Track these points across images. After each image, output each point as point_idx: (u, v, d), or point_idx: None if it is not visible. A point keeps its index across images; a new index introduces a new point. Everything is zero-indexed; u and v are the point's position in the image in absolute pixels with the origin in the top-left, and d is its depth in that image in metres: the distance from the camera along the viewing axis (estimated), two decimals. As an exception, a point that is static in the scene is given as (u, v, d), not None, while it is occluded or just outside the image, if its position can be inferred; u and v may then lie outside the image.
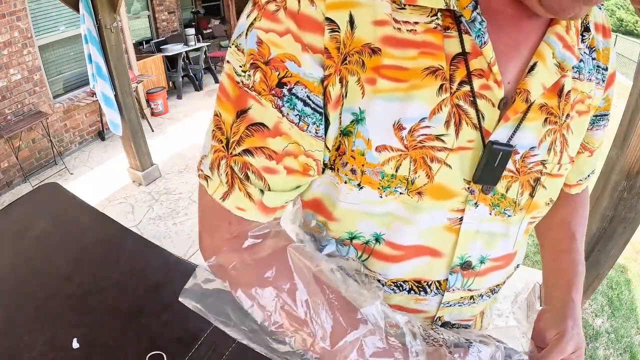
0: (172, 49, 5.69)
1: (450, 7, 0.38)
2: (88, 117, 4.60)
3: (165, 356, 0.83)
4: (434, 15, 0.39)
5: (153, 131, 4.80)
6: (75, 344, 0.86)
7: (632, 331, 2.33)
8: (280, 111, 0.40)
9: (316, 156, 0.43)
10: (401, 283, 0.51)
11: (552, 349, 0.50)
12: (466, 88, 0.41)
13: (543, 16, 0.41)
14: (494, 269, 0.53)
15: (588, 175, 0.64)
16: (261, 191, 0.42)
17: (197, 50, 6.15)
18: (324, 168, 0.46)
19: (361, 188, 0.44)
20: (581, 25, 0.47)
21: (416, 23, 0.39)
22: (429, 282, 0.51)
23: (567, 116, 0.47)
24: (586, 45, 0.49)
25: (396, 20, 0.39)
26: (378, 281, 0.51)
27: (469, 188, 0.45)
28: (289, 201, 0.46)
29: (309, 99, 0.40)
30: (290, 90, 0.39)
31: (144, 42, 5.99)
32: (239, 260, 0.44)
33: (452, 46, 0.40)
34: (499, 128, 0.43)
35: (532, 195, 0.48)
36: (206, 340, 0.86)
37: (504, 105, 0.43)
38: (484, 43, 0.39)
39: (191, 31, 5.92)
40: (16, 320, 0.94)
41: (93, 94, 3.94)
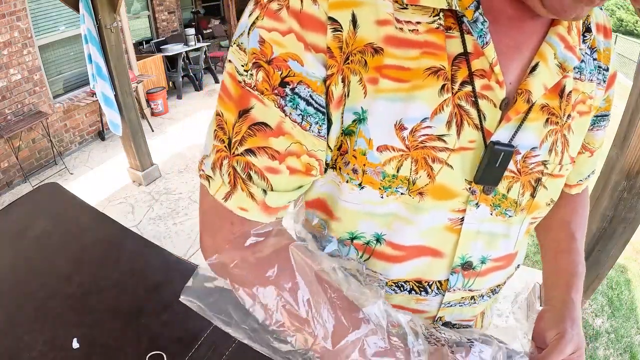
0: (172, 49, 5.69)
1: (452, 7, 0.38)
2: (88, 117, 4.60)
3: (165, 356, 0.83)
4: (436, 15, 0.39)
5: (153, 131, 4.80)
6: (75, 344, 0.86)
7: (632, 331, 2.33)
8: (283, 111, 0.40)
9: (319, 156, 0.43)
10: (402, 283, 0.51)
11: (552, 350, 0.50)
12: (468, 88, 0.41)
13: (545, 17, 0.41)
14: (495, 269, 0.53)
15: (588, 175, 0.64)
16: (264, 191, 0.42)
17: (197, 50, 6.15)
18: (326, 168, 0.46)
19: (362, 188, 0.44)
20: (582, 25, 0.47)
21: (418, 23, 0.39)
22: (430, 282, 0.51)
23: (569, 117, 0.47)
24: (587, 45, 0.49)
25: (398, 20, 0.39)
26: (379, 281, 0.51)
27: (470, 188, 0.45)
28: (292, 201, 0.46)
29: (312, 99, 0.40)
30: (293, 89, 0.39)
31: (144, 42, 5.99)
32: (241, 258, 0.44)
33: (454, 46, 0.40)
34: (501, 128, 0.43)
35: (533, 195, 0.48)
36: (206, 340, 0.86)
37: (506, 105, 0.43)
38: (486, 43, 0.39)
39: (191, 31, 5.92)
40: (16, 320, 0.94)
41: (93, 94, 3.94)
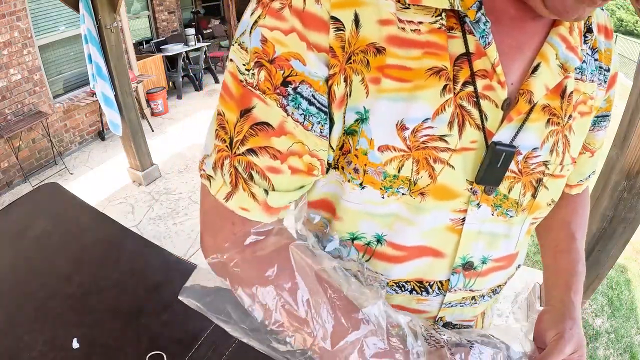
0: (172, 49, 5.69)
1: (454, 8, 0.38)
2: (88, 117, 4.60)
3: (165, 356, 0.83)
4: (438, 15, 0.39)
5: (153, 131, 4.80)
6: (75, 344, 0.86)
7: (632, 331, 2.33)
8: (285, 110, 0.40)
9: (320, 156, 0.43)
10: (403, 283, 0.51)
11: (551, 350, 0.50)
12: (470, 89, 0.41)
13: (547, 17, 0.41)
14: (496, 270, 0.53)
15: (589, 175, 0.64)
16: (265, 191, 0.42)
17: (197, 50, 6.15)
18: (328, 168, 0.46)
19: (363, 188, 0.44)
20: (584, 26, 0.47)
21: (420, 23, 0.39)
22: (431, 283, 0.51)
23: (570, 117, 0.47)
24: (589, 46, 0.49)
25: (400, 19, 0.39)
26: (380, 281, 0.51)
27: (472, 189, 0.45)
28: (293, 201, 0.46)
29: (314, 98, 0.40)
30: (295, 89, 0.39)
31: (144, 42, 5.99)
32: (240, 257, 0.44)
33: (456, 46, 0.40)
34: (502, 129, 0.43)
35: (534, 196, 0.48)
36: (206, 340, 0.86)
37: (507, 106, 0.43)
38: (488, 44, 0.39)
39: (191, 31, 5.92)
40: (16, 320, 0.94)
41: (93, 94, 3.94)
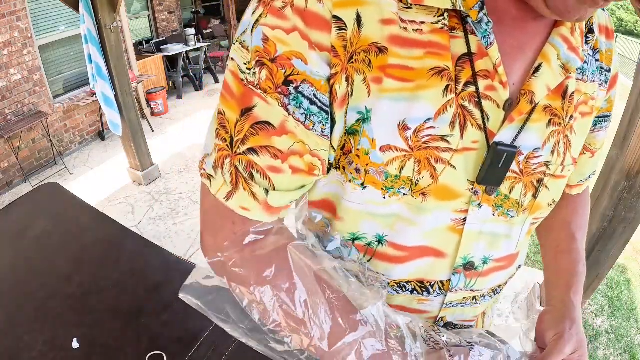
0: (172, 49, 5.69)
1: (456, 8, 0.38)
2: (88, 117, 4.60)
3: (165, 356, 0.83)
4: (441, 15, 0.39)
5: (153, 131, 4.80)
6: (75, 344, 0.86)
7: (632, 331, 2.33)
8: (286, 109, 0.39)
9: (322, 155, 0.43)
10: (404, 284, 0.51)
11: (551, 351, 0.50)
12: (471, 89, 0.41)
13: (548, 18, 0.41)
14: (497, 270, 0.53)
15: (589, 176, 0.64)
16: (266, 191, 0.42)
17: (197, 50, 6.14)
18: (329, 168, 0.46)
19: (365, 188, 0.44)
20: (585, 27, 0.47)
21: (422, 23, 0.39)
22: (432, 283, 0.51)
23: (571, 118, 0.47)
24: (590, 47, 0.49)
25: (402, 19, 0.39)
26: (382, 282, 0.51)
27: (473, 189, 0.45)
28: (294, 201, 0.46)
29: (316, 98, 0.40)
30: (296, 88, 0.39)
31: (144, 42, 5.99)
32: (239, 257, 0.44)
33: (458, 47, 0.40)
34: (504, 129, 0.43)
35: (535, 196, 0.48)
36: (206, 340, 0.86)
37: (509, 106, 0.43)
38: (490, 44, 0.39)
39: (191, 31, 5.92)
40: (16, 320, 0.94)
41: (93, 94, 3.94)
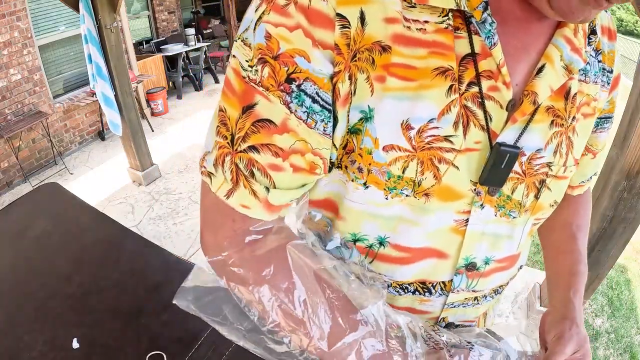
0: (172, 49, 5.69)
1: (460, 8, 0.38)
2: (88, 117, 4.60)
3: (165, 356, 0.83)
4: (445, 15, 0.39)
5: (153, 131, 4.80)
6: (75, 344, 0.86)
7: (632, 331, 2.33)
8: (288, 107, 0.39)
9: (323, 154, 0.43)
10: (406, 285, 0.51)
11: (551, 352, 0.50)
12: (475, 89, 0.41)
13: (552, 19, 0.41)
14: (498, 270, 0.53)
15: (590, 177, 0.64)
16: (266, 189, 0.42)
17: (197, 50, 6.14)
18: (331, 167, 0.46)
19: (367, 187, 0.44)
20: (588, 28, 0.47)
21: (426, 22, 0.39)
22: (434, 283, 0.51)
23: (573, 119, 0.47)
24: (592, 48, 0.49)
25: (406, 18, 0.38)
26: (384, 282, 0.51)
27: (476, 189, 0.45)
28: (294, 199, 0.46)
29: (318, 96, 0.40)
30: (299, 86, 0.39)
31: (144, 42, 5.99)
32: (239, 256, 0.44)
33: (462, 47, 0.40)
34: (506, 130, 0.43)
35: (537, 197, 0.48)
36: (206, 340, 0.86)
37: (512, 107, 0.43)
38: (494, 44, 0.39)
39: (191, 31, 5.91)
40: (16, 320, 0.94)
41: (93, 94, 3.94)
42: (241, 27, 0.42)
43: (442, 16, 0.39)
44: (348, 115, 0.41)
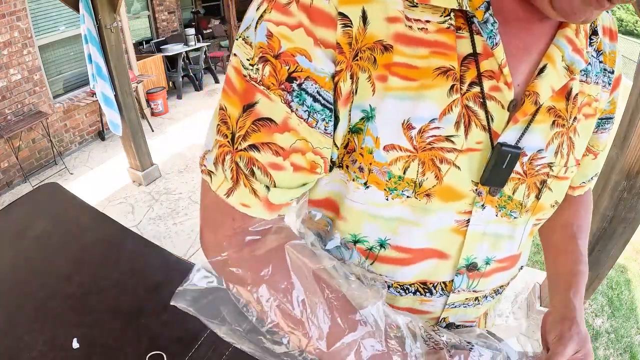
0: (172, 49, 5.69)
1: (462, 8, 0.38)
2: (88, 117, 4.60)
3: (165, 356, 0.83)
4: (447, 15, 0.39)
5: (153, 131, 4.80)
6: (75, 344, 0.86)
7: (632, 331, 2.33)
8: (289, 106, 0.39)
9: (324, 154, 0.43)
10: (407, 286, 0.51)
11: (553, 352, 0.50)
12: (476, 89, 0.41)
13: (554, 19, 0.41)
14: (499, 270, 0.53)
15: (591, 177, 0.64)
16: (267, 187, 0.42)
17: (197, 50, 6.14)
18: (332, 166, 0.46)
19: (367, 187, 0.44)
20: (589, 28, 0.46)
21: (427, 22, 0.39)
22: (435, 284, 0.51)
23: (574, 119, 0.47)
24: (594, 48, 0.49)
25: (407, 17, 0.38)
26: (385, 283, 0.51)
27: (477, 190, 0.45)
28: (295, 198, 0.46)
29: (319, 95, 0.40)
30: (300, 85, 0.39)
31: (144, 42, 5.99)
32: (239, 256, 0.44)
33: (463, 47, 0.40)
34: (508, 130, 0.43)
35: (538, 197, 0.48)
36: (206, 340, 0.86)
37: (513, 107, 0.42)
38: (496, 44, 0.39)
39: (191, 31, 5.91)
40: (16, 320, 0.94)
41: (93, 94, 3.94)
42: (242, 26, 0.42)
43: (444, 16, 0.39)
44: (349, 114, 0.41)
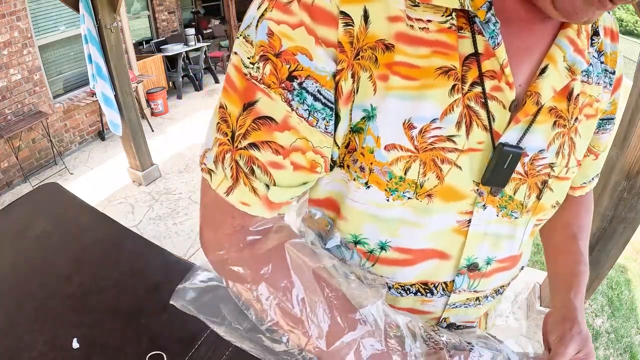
0: (172, 49, 5.69)
1: (464, 8, 0.38)
2: (88, 117, 4.60)
3: (165, 356, 0.83)
4: (449, 15, 0.39)
5: (153, 131, 4.80)
6: (75, 344, 0.86)
7: (632, 331, 2.33)
8: (289, 105, 0.39)
9: (324, 153, 0.43)
10: (408, 286, 0.51)
11: (554, 353, 0.50)
12: (478, 89, 0.41)
13: (556, 19, 0.41)
14: (500, 270, 0.53)
15: (592, 178, 0.64)
16: (266, 186, 0.42)
17: (197, 50, 6.14)
18: (332, 165, 0.46)
19: (368, 187, 0.44)
20: (591, 29, 0.46)
21: (429, 21, 0.39)
22: (436, 284, 0.51)
23: (576, 119, 0.47)
24: (595, 49, 0.49)
25: (409, 17, 0.38)
26: (386, 284, 0.51)
27: (478, 190, 0.45)
28: (295, 197, 0.46)
29: (320, 94, 0.40)
30: (300, 84, 0.39)
31: (144, 42, 5.99)
32: (239, 256, 0.44)
33: (465, 47, 0.40)
34: (509, 130, 0.43)
35: (539, 197, 0.48)
36: (206, 340, 0.86)
37: (515, 107, 0.42)
38: (497, 44, 0.39)
39: (191, 31, 5.91)
40: (16, 320, 0.94)
41: (93, 94, 3.94)
42: (243, 24, 0.42)
43: (446, 16, 0.39)
44: (350, 113, 0.41)
